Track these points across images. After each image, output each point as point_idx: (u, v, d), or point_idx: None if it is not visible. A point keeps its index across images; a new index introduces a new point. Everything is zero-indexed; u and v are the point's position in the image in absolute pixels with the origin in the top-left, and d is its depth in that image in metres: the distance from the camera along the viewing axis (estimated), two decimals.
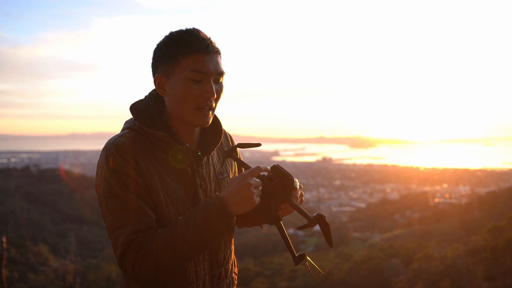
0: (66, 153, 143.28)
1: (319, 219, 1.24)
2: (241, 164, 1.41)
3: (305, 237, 35.09)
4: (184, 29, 1.31)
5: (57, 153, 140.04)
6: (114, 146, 1.27)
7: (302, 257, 1.32)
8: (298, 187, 1.36)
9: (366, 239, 33.37)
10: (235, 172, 1.53)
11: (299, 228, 1.26)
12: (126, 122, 1.39)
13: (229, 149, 1.40)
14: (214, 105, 1.34)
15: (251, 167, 1.36)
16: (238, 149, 1.51)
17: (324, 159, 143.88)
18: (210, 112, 1.34)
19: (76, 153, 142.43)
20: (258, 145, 1.37)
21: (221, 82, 1.35)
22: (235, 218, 1.25)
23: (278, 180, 1.29)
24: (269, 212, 1.32)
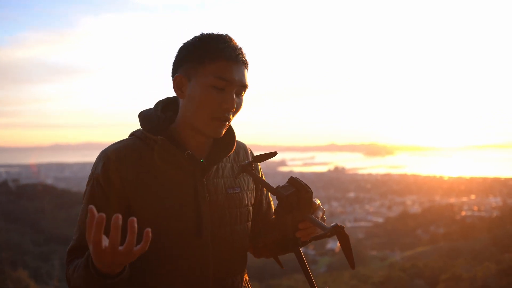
0: (49, 166, 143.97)
1: (337, 230, 1.19)
2: (258, 181, 1.38)
3: (316, 257, 34.94)
4: (216, 33, 1.35)
5: (39, 166, 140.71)
6: (104, 154, 1.35)
7: None
8: (318, 206, 1.31)
9: (385, 257, 33.24)
10: (252, 189, 1.51)
11: (312, 239, 1.25)
12: (136, 130, 1.44)
13: (245, 163, 1.37)
14: (231, 118, 1.35)
15: (268, 184, 1.35)
16: (258, 164, 1.50)
17: (337, 169, 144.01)
18: (226, 124, 1.35)
19: (60, 166, 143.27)
20: (274, 154, 1.37)
21: (243, 96, 1.37)
22: (117, 279, 1.19)
23: (293, 191, 1.25)
24: (284, 232, 1.28)
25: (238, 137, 1.49)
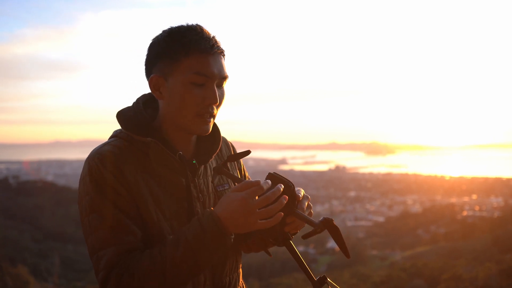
0: (49, 163, 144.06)
1: (326, 223, 1.20)
2: (236, 180, 1.37)
3: (316, 255, 35.01)
4: (185, 25, 1.29)
5: (39, 163, 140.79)
6: (98, 156, 1.27)
7: (323, 281, 1.28)
8: (302, 196, 1.32)
9: (385, 257, 33.23)
10: None
11: (304, 237, 1.23)
12: (114, 131, 1.38)
13: (219, 165, 1.35)
14: (215, 112, 1.32)
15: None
16: (240, 160, 1.52)
17: (337, 168, 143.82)
18: (211, 119, 1.32)
19: (60, 163, 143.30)
20: (248, 152, 1.36)
21: (224, 86, 1.33)
22: (233, 237, 1.21)
23: None
24: (274, 230, 1.27)
25: (240, 135, 1.46)
